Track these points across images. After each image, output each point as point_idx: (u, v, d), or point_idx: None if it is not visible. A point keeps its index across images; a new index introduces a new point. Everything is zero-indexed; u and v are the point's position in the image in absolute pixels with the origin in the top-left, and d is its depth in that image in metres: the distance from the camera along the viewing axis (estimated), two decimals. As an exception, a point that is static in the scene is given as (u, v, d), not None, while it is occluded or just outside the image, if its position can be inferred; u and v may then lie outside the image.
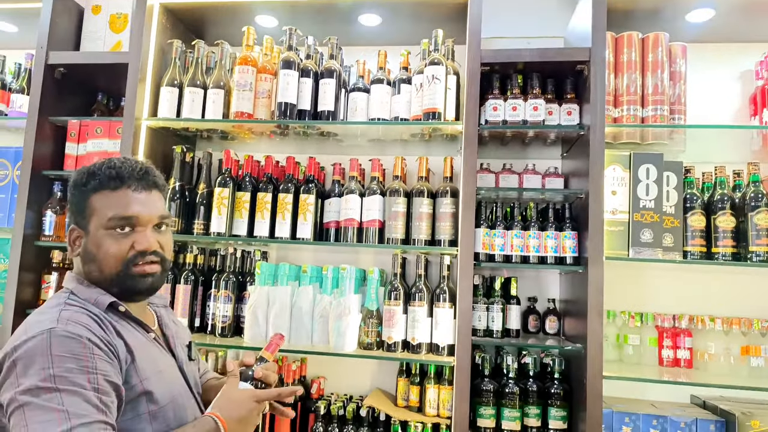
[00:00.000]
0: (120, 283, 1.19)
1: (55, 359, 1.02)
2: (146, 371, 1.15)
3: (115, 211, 1.18)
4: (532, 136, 2.24)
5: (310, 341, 2.19)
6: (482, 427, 2.07)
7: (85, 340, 1.06)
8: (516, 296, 2.23)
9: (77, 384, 1.01)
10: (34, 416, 0.98)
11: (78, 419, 0.98)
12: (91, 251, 1.19)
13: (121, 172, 1.20)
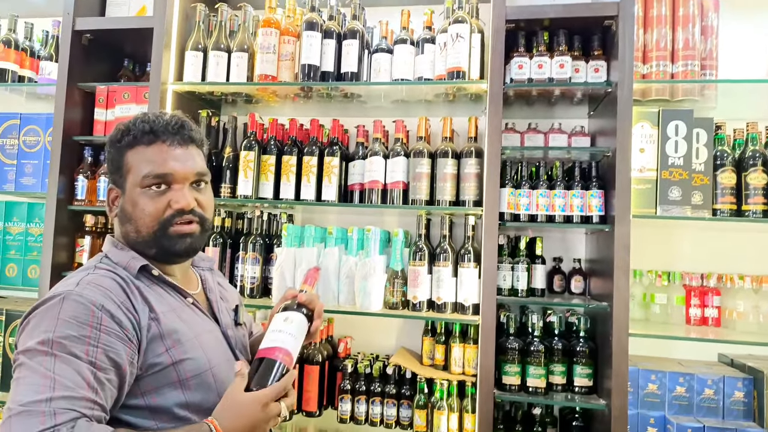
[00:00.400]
0: (157, 244, 1.15)
1: (60, 324, 0.98)
2: (176, 338, 1.10)
3: (150, 168, 1.13)
4: (558, 94, 2.21)
5: (336, 301, 2.23)
6: (507, 384, 2.09)
7: (96, 308, 1.01)
8: (541, 256, 2.23)
9: (73, 353, 0.96)
10: (23, 377, 0.95)
11: (63, 390, 0.93)
12: (128, 210, 1.15)
13: (155, 127, 1.15)
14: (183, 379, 1.09)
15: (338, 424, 2.22)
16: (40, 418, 0.91)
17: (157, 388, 1.07)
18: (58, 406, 0.92)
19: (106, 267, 1.13)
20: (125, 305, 1.05)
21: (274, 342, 1.12)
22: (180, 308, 1.17)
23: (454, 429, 2.12)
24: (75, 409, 0.93)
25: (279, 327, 1.15)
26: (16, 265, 2.41)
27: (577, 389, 2.07)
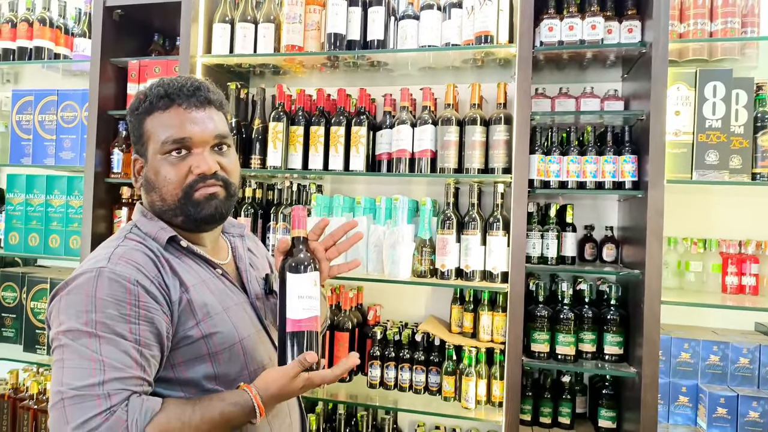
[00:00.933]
0: (183, 211, 1.12)
1: (98, 303, 0.98)
2: (206, 311, 1.10)
3: (168, 134, 1.10)
4: (590, 57, 2.14)
5: (365, 270, 2.25)
6: (536, 351, 2.09)
7: (131, 285, 1.01)
8: (572, 224, 2.20)
9: (118, 333, 0.98)
10: (70, 360, 0.96)
11: (114, 372, 0.95)
12: (151, 179, 1.13)
13: (169, 90, 1.11)
14: (213, 352, 1.09)
15: (368, 389, 2.26)
16: (96, 401, 0.93)
17: (187, 361, 1.08)
18: (112, 388, 0.95)
19: (136, 238, 1.12)
20: (157, 280, 1.05)
21: (308, 311, 1.06)
22: (209, 280, 1.15)
23: (482, 395, 2.14)
24: (127, 388, 0.96)
25: (308, 292, 1.07)
26: (59, 236, 2.51)
27: (607, 357, 2.05)
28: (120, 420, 0.93)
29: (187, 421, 0.99)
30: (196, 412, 1.00)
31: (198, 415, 1.00)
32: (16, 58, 2.60)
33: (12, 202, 2.57)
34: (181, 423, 0.98)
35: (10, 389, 2.66)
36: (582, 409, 2.27)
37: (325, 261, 1.12)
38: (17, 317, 2.64)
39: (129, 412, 0.94)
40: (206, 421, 1.00)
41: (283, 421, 1.20)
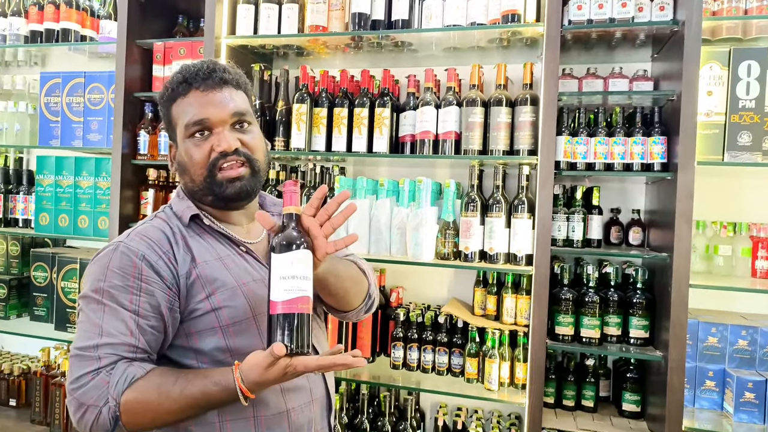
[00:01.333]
0: (210, 191, 1.17)
1: (108, 273, 1.09)
2: (216, 285, 1.13)
3: (189, 117, 1.15)
4: (620, 36, 2.10)
5: (388, 252, 2.26)
6: (560, 334, 2.08)
7: (137, 259, 1.09)
8: (598, 206, 2.17)
9: (119, 302, 1.07)
10: (81, 323, 1.10)
11: (108, 338, 1.05)
12: (182, 162, 1.19)
13: (186, 75, 1.17)
14: (223, 325, 1.13)
15: (391, 370, 2.28)
16: (89, 362, 1.05)
17: (199, 331, 1.13)
18: (103, 352, 1.05)
19: (164, 216, 1.20)
20: (167, 255, 1.12)
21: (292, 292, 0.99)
22: (228, 256, 1.18)
23: (506, 377, 2.14)
24: (116, 353, 1.06)
25: (290, 272, 0.99)
26: (87, 216, 2.55)
27: (633, 341, 2.04)
28: (103, 381, 1.03)
29: (165, 392, 1.03)
30: (177, 384, 1.04)
31: (177, 388, 1.04)
32: (43, 41, 2.64)
33: (42, 183, 2.62)
34: (158, 393, 1.03)
35: (42, 366, 2.73)
36: (606, 392, 2.26)
37: (321, 238, 1.03)
38: (48, 296, 2.71)
39: (113, 375, 1.04)
40: (186, 395, 1.03)
41: (302, 397, 1.21)
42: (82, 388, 1.04)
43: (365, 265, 1.37)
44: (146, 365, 1.08)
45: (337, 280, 1.18)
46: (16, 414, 2.79)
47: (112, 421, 1.03)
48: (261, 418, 1.14)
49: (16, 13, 2.67)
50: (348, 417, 2.35)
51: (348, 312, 1.32)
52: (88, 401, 1.03)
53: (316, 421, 1.25)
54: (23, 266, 2.86)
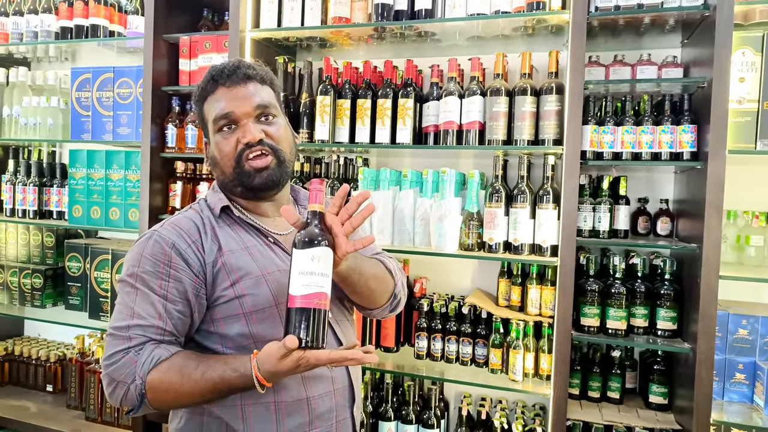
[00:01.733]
0: (239, 182, 1.23)
1: (142, 260, 1.17)
2: (241, 274, 1.18)
3: (216, 112, 1.22)
4: (648, 22, 2.05)
5: (411, 243, 2.26)
6: (586, 325, 2.07)
7: (168, 247, 1.16)
8: (625, 196, 2.14)
9: (150, 287, 1.15)
10: (118, 304, 1.18)
11: (138, 320, 1.13)
12: (214, 156, 1.26)
13: (214, 74, 1.24)
14: (247, 312, 1.18)
15: (415, 360, 2.29)
16: (121, 341, 1.13)
17: (224, 317, 1.19)
18: (134, 333, 1.13)
19: (197, 207, 1.27)
20: (195, 244, 1.19)
21: (309, 287, 1.01)
22: (254, 246, 1.23)
23: (530, 368, 2.14)
24: (145, 335, 1.13)
25: (308, 268, 1.02)
26: (118, 208, 2.61)
27: (660, 332, 2.01)
28: (132, 360, 1.11)
29: (187, 374, 1.10)
30: (198, 368, 1.10)
31: (199, 372, 1.10)
32: (73, 37, 2.69)
33: (74, 176, 2.69)
34: (180, 375, 1.10)
35: (77, 353, 2.83)
36: (632, 384, 2.24)
37: (341, 236, 1.05)
38: (82, 286, 2.79)
39: (141, 355, 1.11)
40: (207, 379, 1.09)
41: (323, 386, 1.24)
42: (113, 365, 1.12)
43: (393, 264, 1.39)
44: (172, 348, 1.15)
45: (361, 278, 1.20)
46: (52, 399, 2.90)
47: (139, 398, 1.11)
48: (281, 404, 1.19)
49: (47, 9, 2.72)
50: (372, 405, 2.37)
51: (373, 310, 1.36)
52: (118, 378, 1.11)
53: (338, 411, 1.27)
54: (58, 257, 2.94)
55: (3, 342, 3.07)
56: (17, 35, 2.78)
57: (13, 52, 2.96)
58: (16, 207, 2.84)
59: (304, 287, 1.01)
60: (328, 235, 1.04)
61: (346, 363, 1.05)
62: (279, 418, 1.19)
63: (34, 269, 2.87)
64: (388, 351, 2.34)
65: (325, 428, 1.24)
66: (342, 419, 1.28)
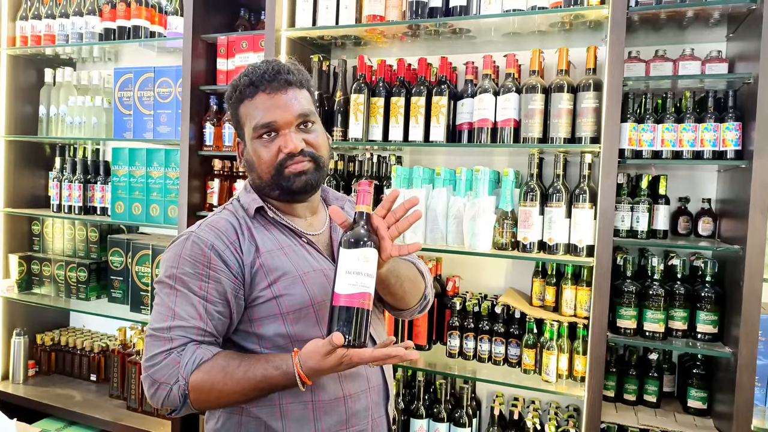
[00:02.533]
0: (278, 186, 1.23)
1: (181, 261, 1.17)
2: (278, 274, 1.19)
3: (256, 120, 1.20)
4: (691, 16, 1.98)
5: (444, 242, 2.26)
6: (622, 327, 2.03)
7: (207, 249, 1.16)
8: (665, 195, 2.09)
9: (190, 288, 1.15)
10: (156, 305, 1.19)
11: (179, 321, 1.14)
12: (250, 161, 1.25)
13: (253, 78, 1.21)
14: (284, 312, 1.19)
15: (447, 359, 2.29)
16: (162, 342, 1.14)
17: (262, 318, 1.20)
18: (175, 334, 1.14)
19: (232, 208, 1.27)
20: (234, 245, 1.19)
21: (355, 287, 1.03)
22: (290, 247, 1.24)
23: (564, 369, 2.11)
24: (187, 336, 1.14)
25: (355, 267, 1.04)
26: (158, 205, 2.69)
27: (700, 336, 1.96)
28: (174, 361, 1.12)
29: (230, 372, 1.11)
30: (240, 367, 1.11)
31: (241, 371, 1.11)
32: (116, 38, 2.77)
33: (117, 173, 2.77)
34: (223, 374, 1.11)
35: (119, 345, 2.92)
36: (669, 387, 2.19)
37: (388, 240, 1.06)
38: (124, 280, 2.88)
39: (183, 356, 1.12)
40: (249, 377, 1.10)
41: (359, 384, 1.25)
42: (155, 367, 1.13)
43: (423, 266, 1.41)
44: (213, 348, 1.16)
45: (397, 281, 1.22)
46: (96, 388, 3.00)
47: (182, 399, 1.12)
48: (318, 403, 1.20)
49: (91, 11, 2.81)
50: (404, 403, 2.38)
51: (404, 311, 1.37)
52: (161, 379, 1.12)
53: (373, 409, 1.28)
54: (101, 251, 3.04)
55: (50, 332, 3.19)
56: (63, 37, 2.88)
57: (59, 53, 3.06)
58: (63, 203, 2.95)
59: (350, 286, 1.03)
60: (374, 237, 1.06)
61: (388, 361, 1.05)
62: (316, 417, 1.20)
63: (79, 263, 2.98)
64: (420, 349, 2.35)
65: (361, 426, 1.25)
66: (378, 417, 1.30)
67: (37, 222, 3.17)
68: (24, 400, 2.85)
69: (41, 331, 3.19)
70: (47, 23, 2.91)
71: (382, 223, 1.07)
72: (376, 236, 1.06)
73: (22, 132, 3.06)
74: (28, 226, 3.18)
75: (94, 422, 2.72)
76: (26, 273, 3.09)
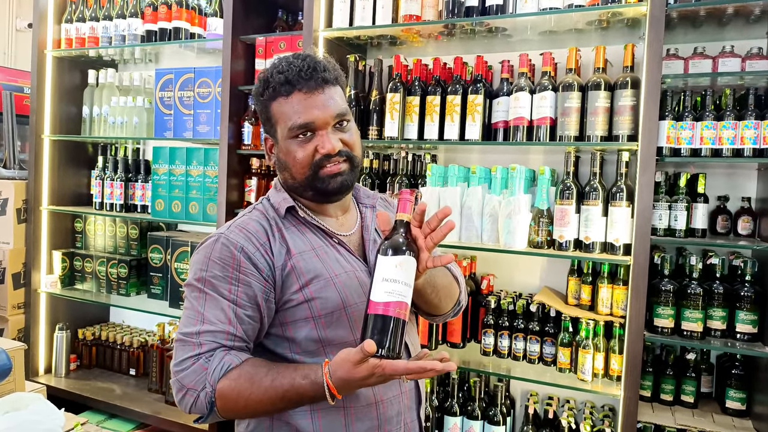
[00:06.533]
0: (312, 187, 1.20)
1: (210, 263, 1.13)
2: (310, 277, 1.16)
3: (293, 120, 1.16)
4: (732, 12, 1.97)
5: (479, 240, 2.27)
6: (659, 326, 2.01)
7: (237, 251, 1.13)
8: (703, 194, 2.07)
9: (219, 292, 1.12)
10: (186, 309, 1.16)
11: (208, 325, 1.11)
12: (283, 160, 1.21)
13: (289, 77, 1.16)
14: (315, 315, 1.16)
15: (481, 357, 2.30)
16: (191, 347, 1.11)
17: (293, 321, 1.17)
18: (204, 339, 1.11)
19: (262, 208, 1.24)
20: (264, 247, 1.16)
21: (392, 295, 0.99)
22: (321, 248, 1.21)
23: (600, 368, 2.11)
24: (216, 341, 1.11)
25: (392, 275, 1.01)
26: (197, 203, 2.75)
27: (739, 336, 1.94)
28: (202, 367, 1.09)
29: (257, 381, 1.07)
30: (268, 375, 1.08)
31: (269, 379, 1.07)
32: (157, 39, 2.85)
33: (158, 172, 2.85)
34: (250, 383, 1.07)
35: (158, 340, 2.99)
36: (707, 388, 2.17)
37: (425, 251, 1.04)
38: (163, 276, 2.96)
39: (211, 362, 1.09)
40: (276, 386, 1.06)
41: (391, 389, 1.23)
42: (183, 372, 1.10)
43: (458, 271, 1.38)
44: (242, 355, 1.12)
45: (434, 290, 1.19)
46: (135, 382, 3.08)
47: (208, 406, 1.09)
48: (351, 409, 1.17)
49: (134, 14, 2.90)
50: (438, 400, 2.40)
51: (437, 316, 1.34)
52: (188, 384, 1.09)
53: (405, 414, 1.26)
54: (141, 248, 3.13)
55: (91, 327, 3.29)
56: (106, 39, 2.98)
57: (102, 55, 3.16)
58: (105, 201, 3.04)
59: (386, 294, 0.99)
60: (414, 246, 1.03)
61: (423, 375, 0.99)
62: (348, 423, 1.18)
63: (120, 259, 3.07)
64: (455, 347, 2.36)
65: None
66: (410, 422, 1.28)
67: (80, 219, 3.27)
68: (66, 393, 2.93)
69: (83, 326, 3.29)
70: (91, 26, 3.01)
71: (419, 233, 1.05)
72: (416, 246, 1.04)
73: (66, 132, 3.16)
74: (71, 223, 3.28)
75: (133, 415, 2.80)
76: (69, 269, 3.20)
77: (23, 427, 1.57)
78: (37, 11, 3.04)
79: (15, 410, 1.63)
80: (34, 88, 3.06)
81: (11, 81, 3.48)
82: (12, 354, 1.89)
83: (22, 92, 3.41)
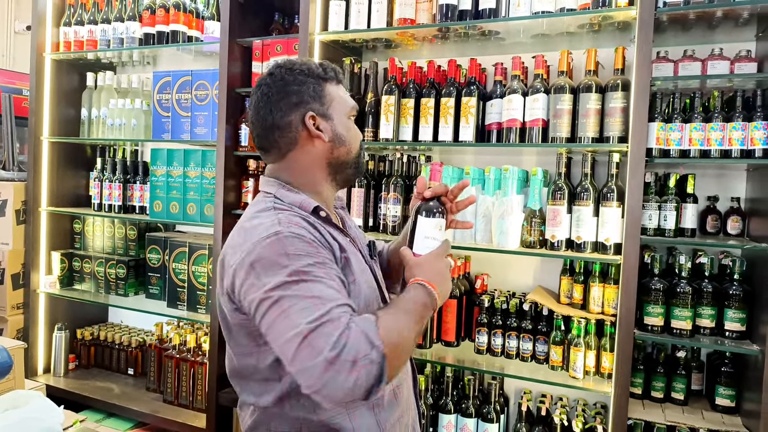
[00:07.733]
0: (356, 165, 1.31)
1: (292, 257, 1.06)
2: (352, 278, 1.19)
3: (351, 103, 1.30)
4: (721, 15, 2.00)
5: (473, 240, 2.30)
6: (649, 324, 2.05)
7: (310, 240, 1.11)
8: (693, 194, 2.10)
9: (318, 276, 1.06)
10: (291, 306, 1.03)
11: (331, 302, 1.03)
12: (343, 135, 1.26)
13: (336, 70, 1.30)
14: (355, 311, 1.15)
15: (475, 355, 2.34)
16: (331, 326, 1.00)
17: None
18: (337, 312, 1.02)
19: (284, 207, 1.19)
20: (321, 240, 1.15)
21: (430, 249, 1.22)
22: (349, 244, 1.25)
23: (591, 366, 2.14)
24: (346, 310, 1.05)
25: (432, 234, 1.24)
26: (195, 204, 2.78)
27: (728, 333, 1.97)
28: (356, 332, 1.00)
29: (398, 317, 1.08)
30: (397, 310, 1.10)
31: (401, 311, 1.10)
32: (155, 42, 2.88)
33: (156, 173, 2.88)
34: (395, 320, 1.07)
35: (156, 340, 3.02)
36: (698, 385, 2.20)
37: (450, 214, 1.33)
38: (161, 276, 2.98)
39: (358, 325, 1.01)
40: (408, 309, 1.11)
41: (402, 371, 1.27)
42: (344, 349, 0.98)
43: None
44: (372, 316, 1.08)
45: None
46: (133, 381, 3.11)
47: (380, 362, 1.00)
48: (380, 399, 1.20)
49: (132, 17, 2.93)
50: (433, 398, 2.43)
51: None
52: (357, 356, 0.98)
53: (410, 399, 1.33)
54: (139, 249, 3.16)
55: (89, 327, 3.32)
56: (105, 42, 3.01)
57: (101, 58, 3.19)
58: (103, 202, 3.07)
59: (427, 249, 1.23)
60: (445, 209, 1.29)
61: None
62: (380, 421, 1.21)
63: (118, 260, 3.10)
64: (449, 345, 2.39)
65: (411, 416, 1.31)
66: (413, 407, 1.35)
67: (79, 220, 3.30)
68: (65, 392, 2.96)
69: (81, 326, 3.32)
70: (89, 29, 3.04)
71: (446, 200, 1.31)
72: (445, 209, 1.29)
73: (65, 134, 3.19)
74: (69, 224, 3.31)
75: (132, 414, 2.83)
76: (68, 269, 3.22)
77: (23, 424, 1.60)
78: (35, 14, 3.07)
79: (15, 408, 1.65)
80: (32, 91, 3.08)
81: (10, 83, 3.51)
82: (12, 352, 1.92)
83: (21, 94, 3.44)
